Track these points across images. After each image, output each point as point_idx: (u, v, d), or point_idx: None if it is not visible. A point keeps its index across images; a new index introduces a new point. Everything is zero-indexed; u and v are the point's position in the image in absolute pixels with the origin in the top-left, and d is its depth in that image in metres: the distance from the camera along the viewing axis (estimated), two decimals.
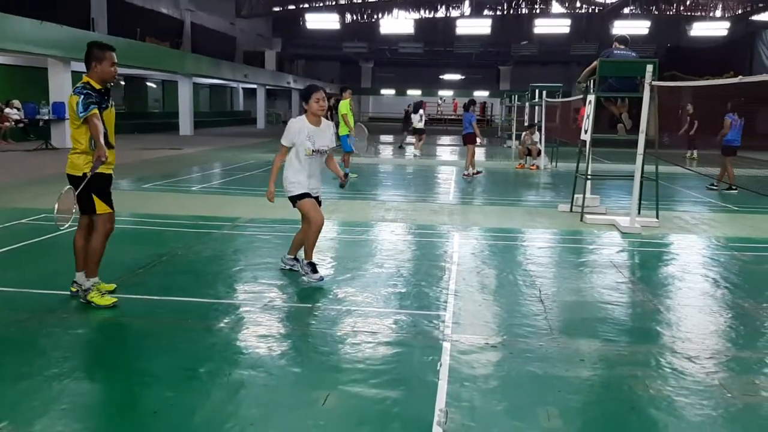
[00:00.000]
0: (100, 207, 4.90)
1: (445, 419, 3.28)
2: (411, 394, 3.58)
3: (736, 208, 10.89)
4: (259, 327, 4.60)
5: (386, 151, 23.80)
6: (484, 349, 4.24)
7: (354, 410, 3.38)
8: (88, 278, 4.95)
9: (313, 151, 5.57)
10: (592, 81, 9.37)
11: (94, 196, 4.86)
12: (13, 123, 21.23)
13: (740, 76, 6.73)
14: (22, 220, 8.05)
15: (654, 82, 8.19)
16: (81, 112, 4.68)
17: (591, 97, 9.25)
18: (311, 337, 4.40)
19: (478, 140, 15.41)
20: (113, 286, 5.32)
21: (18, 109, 21.84)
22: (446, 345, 4.29)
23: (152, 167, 15.29)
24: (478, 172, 15.21)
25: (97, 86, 4.85)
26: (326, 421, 3.25)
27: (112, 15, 27.89)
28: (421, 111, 22.30)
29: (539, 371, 3.92)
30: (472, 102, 15.72)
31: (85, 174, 4.74)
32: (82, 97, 4.72)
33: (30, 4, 21.31)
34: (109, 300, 4.89)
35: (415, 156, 20.81)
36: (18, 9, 18.47)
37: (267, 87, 42.81)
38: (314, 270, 5.74)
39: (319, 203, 5.83)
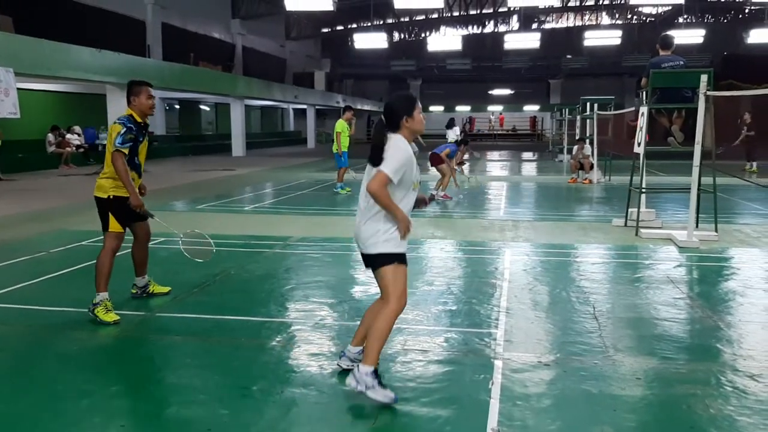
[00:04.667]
0: (113, 225, 5.26)
1: None
2: (463, 412, 3.55)
3: None
4: (311, 345, 4.64)
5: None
6: (536, 368, 4.18)
7: (405, 429, 3.37)
8: (98, 293, 5.17)
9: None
10: (644, 92, 9.17)
11: (111, 215, 5.22)
12: (74, 148, 22.03)
13: None
14: (83, 242, 8.32)
15: (709, 92, 7.98)
16: (118, 142, 5.07)
17: (643, 109, 9.07)
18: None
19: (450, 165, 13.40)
20: (168, 288, 5.89)
21: (78, 135, 22.66)
22: (498, 363, 4.24)
23: (206, 188, 15.62)
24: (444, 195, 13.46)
25: (138, 119, 5.28)
26: None
27: (166, 41, 28.75)
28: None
29: (594, 390, 3.84)
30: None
31: (110, 196, 5.17)
32: (125, 129, 5.13)
33: (89, 33, 22.13)
34: (112, 317, 5.09)
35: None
36: (79, 39, 19.23)
37: (317, 107, 43.38)
38: (380, 382, 3.62)
39: None
